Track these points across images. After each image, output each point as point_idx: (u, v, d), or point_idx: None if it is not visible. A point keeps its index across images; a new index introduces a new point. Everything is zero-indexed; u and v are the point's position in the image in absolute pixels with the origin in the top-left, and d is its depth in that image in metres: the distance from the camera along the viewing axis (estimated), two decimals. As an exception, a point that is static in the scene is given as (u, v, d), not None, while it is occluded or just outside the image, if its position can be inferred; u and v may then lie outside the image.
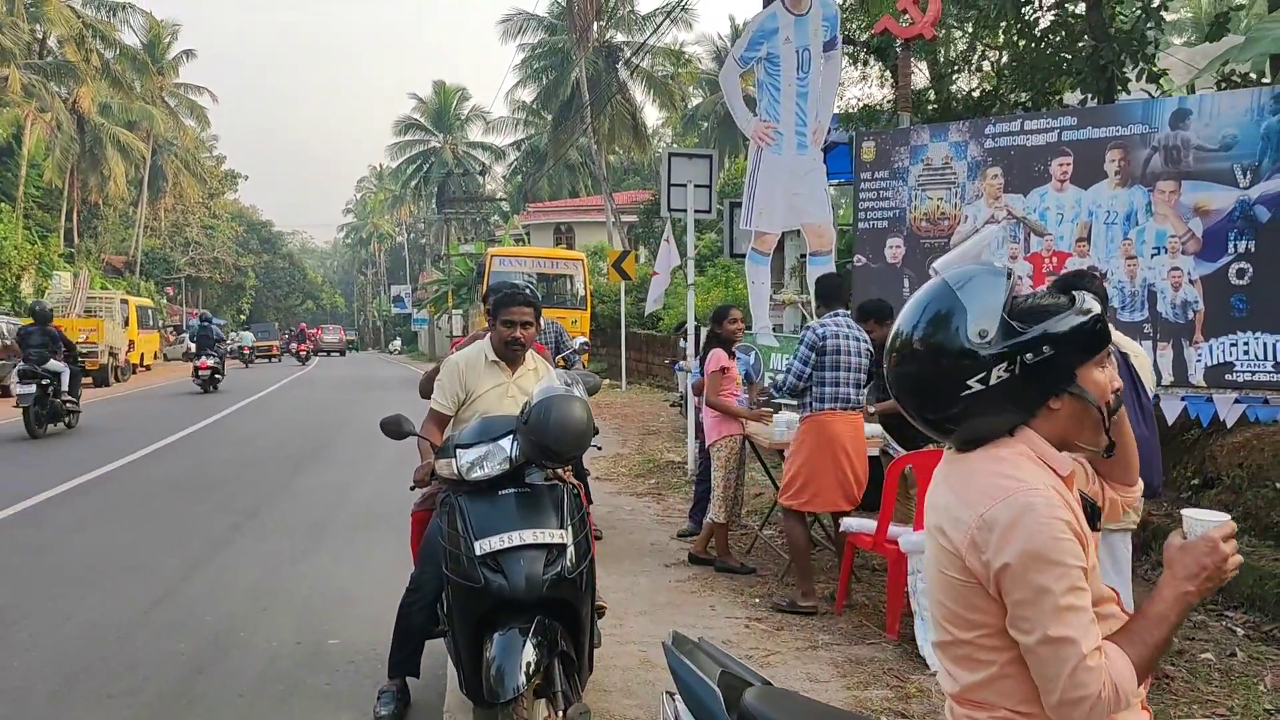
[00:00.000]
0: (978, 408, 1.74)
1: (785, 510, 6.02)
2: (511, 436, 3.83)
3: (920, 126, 9.22)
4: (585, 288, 24.73)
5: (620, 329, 23.19)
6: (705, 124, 47.60)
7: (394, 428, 4.16)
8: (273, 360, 48.90)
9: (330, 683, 4.74)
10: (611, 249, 29.84)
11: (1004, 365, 1.73)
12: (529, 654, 3.49)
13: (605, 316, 27.60)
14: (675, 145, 52.06)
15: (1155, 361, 7.19)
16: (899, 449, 6.31)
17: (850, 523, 5.81)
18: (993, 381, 1.73)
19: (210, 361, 23.73)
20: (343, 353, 63.69)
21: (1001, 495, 1.69)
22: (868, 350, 6.06)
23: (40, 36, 42.93)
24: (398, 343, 72.50)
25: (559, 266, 25.38)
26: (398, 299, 72.96)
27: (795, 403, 6.57)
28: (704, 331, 11.44)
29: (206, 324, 24.58)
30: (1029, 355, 1.72)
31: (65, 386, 14.77)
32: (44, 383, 14.31)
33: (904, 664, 5.00)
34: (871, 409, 6.43)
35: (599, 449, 4.15)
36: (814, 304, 7.19)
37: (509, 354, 4.38)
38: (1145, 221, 7.60)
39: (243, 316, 71.09)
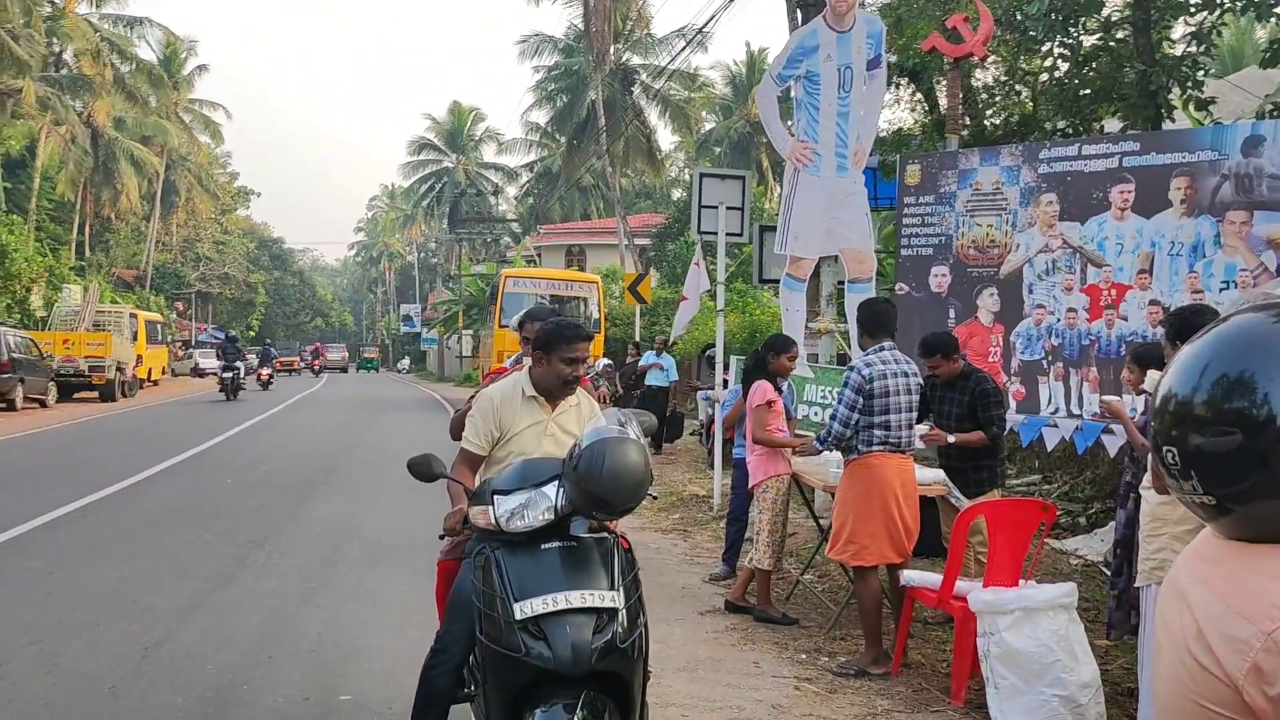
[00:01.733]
0: None
1: (855, 567, 5.50)
2: (556, 483, 3.37)
3: (970, 150, 8.80)
4: (600, 311, 24.32)
5: (638, 351, 22.72)
6: (718, 149, 47.30)
7: (423, 469, 3.71)
8: (293, 374, 55.77)
9: (342, 749, 4.27)
10: (626, 272, 29.44)
11: None
12: None
13: (618, 340, 27.16)
14: (689, 170, 51.79)
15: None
16: (963, 498, 5.83)
17: (912, 575, 5.34)
18: None
19: (268, 371, 35.26)
20: (344, 369, 67.86)
21: None
22: (919, 385, 5.58)
23: (57, 50, 42.84)
24: (406, 361, 72.20)
25: (574, 289, 24.97)
26: (407, 318, 72.66)
27: None
28: (728, 357, 11.04)
29: (268, 346, 42.32)
30: None
31: (243, 374, 28.26)
32: (234, 371, 27.18)
33: (976, 737, 4.52)
34: (952, 439, 5.93)
35: (654, 497, 3.69)
36: (856, 334, 6.73)
37: (564, 392, 3.93)
38: (1213, 254, 7.14)
39: (252, 333, 70.82)
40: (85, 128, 43.12)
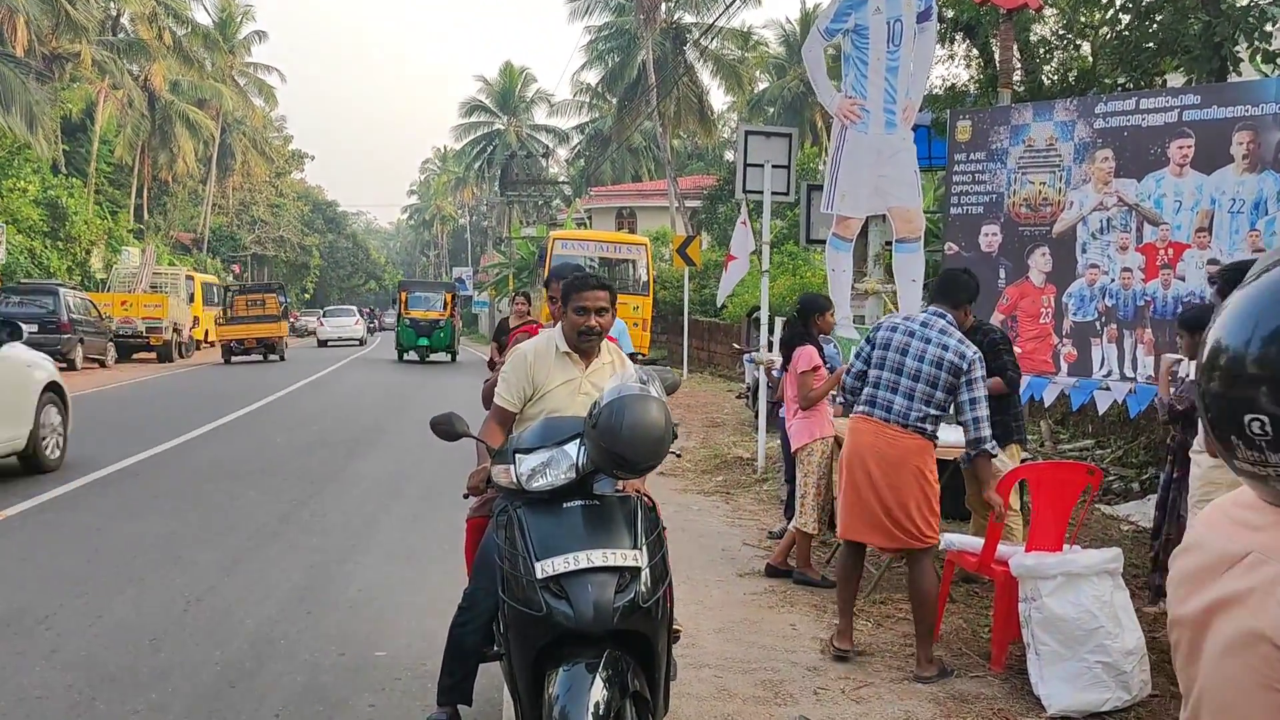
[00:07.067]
0: None
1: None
2: (578, 441, 3.32)
3: (1022, 105, 8.55)
4: (648, 273, 24.19)
5: (683, 316, 22.65)
6: (771, 109, 46.62)
7: (445, 427, 3.68)
8: None
9: (374, 705, 4.28)
10: (675, 234, 29.27)
11: None
12: (598, 693, 3.01)
13: (667, 303, 27.06)
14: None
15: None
16: (1007, 463, 5.70)
17: (953, 539, 5.23)
18: None
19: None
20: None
21: None
22: (950, 363, 4.71)
23: (113, 13, 43.33)
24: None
25: (622, 251, 24.86)
26: (459, 281, 73.01)
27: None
28: (773, 321, 10.86)
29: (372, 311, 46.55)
30: None
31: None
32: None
33: (1015, 702, 4.43)
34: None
35: (678, 455, 3.64)
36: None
37: (583, 345, 3.87)
38: (1276, 210, 6.86)
39: (307, 296, 71.66)
40: (142, 91, 43.58)
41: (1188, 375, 4.76)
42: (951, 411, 4.88)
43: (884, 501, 4.72)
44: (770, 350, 9.82)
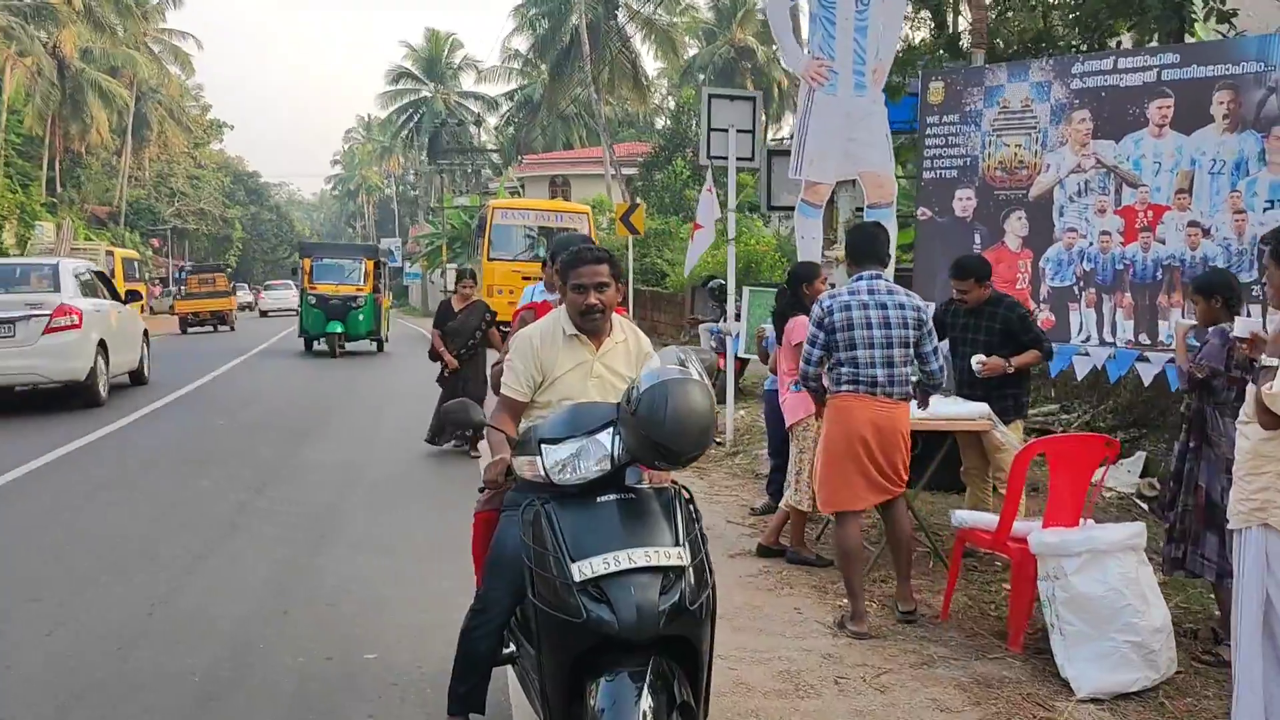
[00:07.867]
0: None
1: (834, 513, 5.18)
2: (610, 429, 3.05)
3: (996, 65, 8.39)
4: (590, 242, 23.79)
5: (627, 286, 22.35)
6: (702, 75, 46.32)
7: (460, 416, 3.38)
8: None
9: (373, 715, 3.97)
10: (616, 203, 28.88)
11: None
12: (645, 704, 2.77)
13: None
14: (672, 97, 50.84)
15: (1264, 326, 6.42)
16: (1010, 435, 5.55)
17: (964, 516, 5.06)
18: None
19: None
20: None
21: None
22: (914, 319, 4.89)
23: (18, -23, 41.38)
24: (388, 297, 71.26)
25: (563, 220, 24.40)
26: (387, 252, 71.59)
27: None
28: (742, 290, 10.68)
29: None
30: None
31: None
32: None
33: (1042, 685, 4.27)
34: (1011, 368, 5.67)
35: (719, 443, 3.40)
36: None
37: (588, 325, 3.58)
38: (1258, 171, 6.79)
39: (229, 270, 69.66)
40: (51, 59, 41.81)
41: (1205, 341, 4.62)
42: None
43: (879, 464, 4.88)
44: (739, 319, 9.63)
